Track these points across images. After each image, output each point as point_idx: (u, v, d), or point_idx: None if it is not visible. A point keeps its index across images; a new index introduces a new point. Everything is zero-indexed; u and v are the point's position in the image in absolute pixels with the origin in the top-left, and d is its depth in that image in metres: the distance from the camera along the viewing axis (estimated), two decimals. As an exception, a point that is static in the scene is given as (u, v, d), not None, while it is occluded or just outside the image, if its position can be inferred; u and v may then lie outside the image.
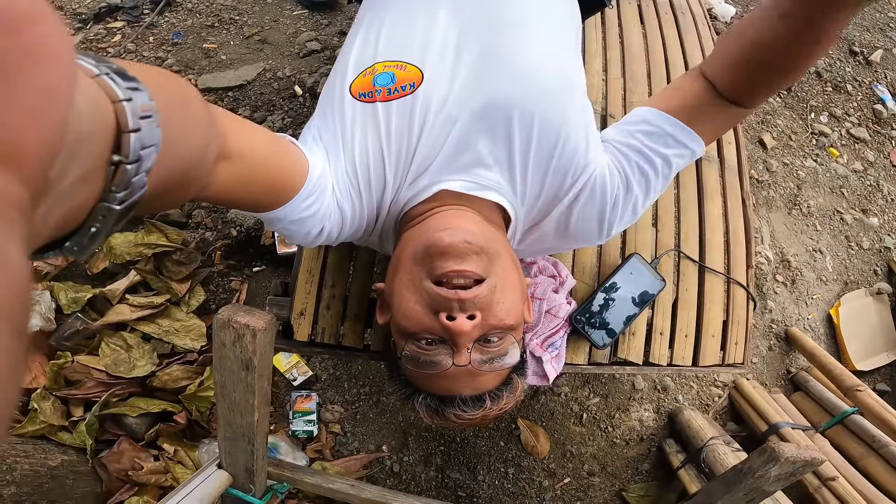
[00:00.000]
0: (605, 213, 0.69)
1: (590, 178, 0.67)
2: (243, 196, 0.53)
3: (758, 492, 0.88)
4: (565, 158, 0.65)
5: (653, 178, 0.68)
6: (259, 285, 1.53)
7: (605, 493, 1.44)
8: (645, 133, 0.67)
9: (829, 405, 1.46)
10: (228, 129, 0.46)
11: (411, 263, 0.60)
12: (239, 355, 0.75)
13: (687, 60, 1.13)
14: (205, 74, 1.80)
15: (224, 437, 0.87)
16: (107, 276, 1.49)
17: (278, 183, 0.57)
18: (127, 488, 1.30)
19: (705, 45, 1.15)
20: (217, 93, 1.76)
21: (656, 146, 0.67)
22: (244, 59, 1.84)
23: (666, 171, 0.68)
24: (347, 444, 1.43)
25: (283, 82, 1.79)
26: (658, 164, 0.67)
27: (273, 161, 0.55)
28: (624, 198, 0.69)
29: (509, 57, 0.65)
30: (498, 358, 0.62)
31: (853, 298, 1.70)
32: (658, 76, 1.10)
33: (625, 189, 0.68)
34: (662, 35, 1.15)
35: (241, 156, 0.48)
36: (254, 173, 0.51)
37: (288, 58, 1.84)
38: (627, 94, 1.07)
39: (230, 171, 0.47)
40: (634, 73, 1.10)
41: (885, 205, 1.82)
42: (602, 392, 1.51)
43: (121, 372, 1.34)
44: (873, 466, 1.30)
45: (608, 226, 0.71)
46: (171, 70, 1.80)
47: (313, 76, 1.79)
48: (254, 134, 0.52)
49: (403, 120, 0.64)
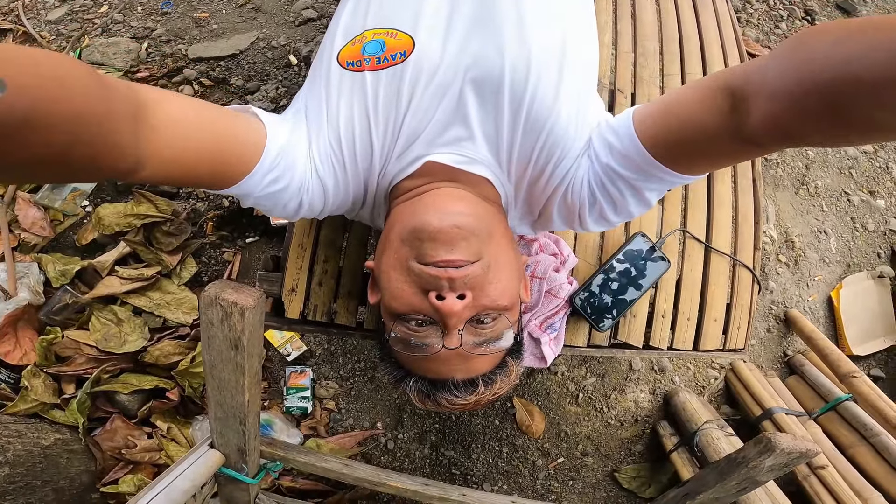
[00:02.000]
0: (574, 212, 0.65)
1: (568, 172, 0.62)
2: (187, 172, 0.51)
3: (750, 481, 0.87)
4: (551, 142, 0.61)
5: (619, 199, 0.61)
6: (253, 256, 1.50)
7: (597, 473, 1.45)
8: (612, 148, 0.59)
9: (823, 390, 1.45)
10: (153, 100, 0.45)
11: (399, 243, 0.58)
12: (227, 334, 0.72)
13: (702, 37, 1.07)
14: (195, 44, 1.73)
15: (215, 418, 0.85)
16: (95, 247, 1.46)
17: (225, 157, 0.54)
18: (121, 466, 1.29)
19: (722, 21, 1.09)
20: (208, 62, 1.70)
21: (618, 167, 0.58)
22: (237, 27, 1.77)
23: (636, 196, 0.61)
24: (342, 420, 1.43)
25: (277, 51, 1.73)
26: (622, 187, 0.60)
27: (216, 133, 0.52)
28: (590, 207, 0.64)
29: (503, 25, 0.61)
30: (491, 341, 0.60)
31: (855, 281, 1.68)
32: (671, 52, 1.05)
33: (592, 198, 0.63)
34: (677, 8, 1.09)
35: (172, 128, 0.47)
36: (191, 146, 0.50)
37: (283, 26, 1.78)
38: (638, 68, 1.02)
39: (163, 145, 0.46)
40: (646, 48, 1.04)
41: (892, 187, 1.79)
42: (599, 372, 1.50)
43: (112, 347, 1.32)
44: (863, 456, 1.28)
45: (581, 223, 0.67)
46: (160, 40, 1.73)
47: (309, 45, 1.72)
48: (187, 106, 0.50)
49: (392, 90, 0.61)
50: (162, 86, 1.69)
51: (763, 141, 0.45)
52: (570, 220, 0.68)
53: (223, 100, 1.66)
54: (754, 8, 1.96)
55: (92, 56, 1.68)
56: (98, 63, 1.66)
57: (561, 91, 0.61)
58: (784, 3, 1.98)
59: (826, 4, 2.02)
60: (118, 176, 0.43)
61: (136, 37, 1.74)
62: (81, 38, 1.73)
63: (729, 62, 1.05)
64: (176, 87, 1.68)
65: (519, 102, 0.60)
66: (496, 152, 0.63)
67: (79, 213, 1.49)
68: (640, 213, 0.64)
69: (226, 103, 1.62)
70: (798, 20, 1.96)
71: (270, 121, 0.60)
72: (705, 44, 1.06)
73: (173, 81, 1.68)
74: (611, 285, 0.87)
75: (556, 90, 0.60)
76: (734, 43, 1.08)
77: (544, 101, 0.60)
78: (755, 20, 1.94)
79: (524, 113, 0.60)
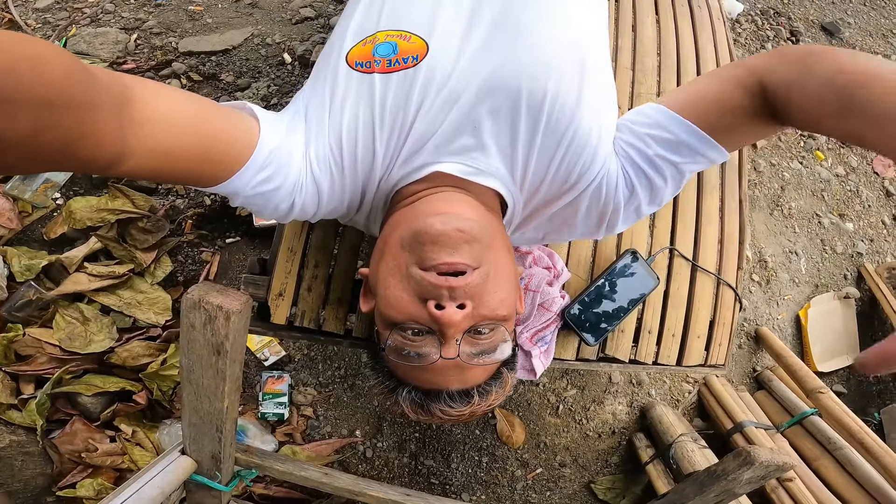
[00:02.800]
0: (606, 214, 0.66)
1: (596, 177, 0.63)
2: (173, 167, 0.49)
3: (728, 494, 0.89)
4: (572, 152, 0.61)
5: (661, 187, 0.64)
6: (232, 258, 1.45)
7: (574, 484, 1.46)
8: (658, 140, 0.62)
9: (789, 405, 1.49)
10: (141, 93, 0.44)
11: (399, 249, 0.57)
12: (210, 339, 0.69)
13: (699, 56, 1.09)
14: (187, 38, 1.68)
15: (189, 424, 0.82)
16: (65, 242, 1.39)
17: (213, 153, 0.52)
18: (80, 470, 1.23)
19: (719, 42, 1.12)
20: (199, 57, 1.66)
21: (669, 155, 0.61)
22: (231, 23, 1.73)
23: (677, 180, 0.64)
24: (319, 427, 1.39)
25: (271, 49, 1.69)
26: (668, 174, 0.63)
27: (203, 128, 0.51)
28: (626, 203, 0.65)
29: (524, 33, 0.60)
30: (488, 351, 0.59)
31: (822, 301, 1.74)
32: (668, 69, 1.07)
33: (629, 194, 0.64)
34: (676, 28, 1.12)
35: (158, 121, 0.46)
36: (178, 141, 0.48)
37: (279, 24, 1.74)
38: (636, 85, 1.04)
39: (149, 138, 0.45)
40: (645, 64, 1.06)
41: (861, 210, 1.87)
42: (579, 384, 1.51)
43: (76, 347, 1.25)
44: (826, 468, 1.32)
45: (608, 226, 0.68)
46: (151, 32, 1.68)
47: (304, 44, 1.70)
48: (175, 99, 0.49)
49: (401, 94, 0.59)
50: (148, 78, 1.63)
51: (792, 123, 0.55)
52: (597, 224, 0.68)
53: (212, 96, 1.62)
54: (743, 27, 2.02)
55: (77, 46, 1.61)
56: (83, 53, 1.60)
57: (582, 99, 0.60)
58: (771, 24, 2.06)
59: (811, 26, 2.10)
60: (97, 168, 0.42)
61: (126, 28, 1.69)
62: (68, 28, 1.66)
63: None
64: (163, 81, 1.62)
65: (538, 114, 0.59)
66: (510, 163, 0.62)
67: (49, 206, 1.42)
68: (674, 193, 0.67)
69: (214, 99, 1.57)
70: (783, 40, 2.04)
71: (266, 118, 0.58)
72: (701, 63, 1.09)
73: (161, 74, 1.62)
74: (602, 301, 0.87)
75: (578, 99, 0.60)
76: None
77: (564, 111, 0.59)
78: (743, 39, 2.00)
79: (543, 124, 0.59)
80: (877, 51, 2.13)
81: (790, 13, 2.09)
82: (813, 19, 2.11)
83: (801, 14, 2.11)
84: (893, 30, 2.20)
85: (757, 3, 2.08)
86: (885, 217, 1.88)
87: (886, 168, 1.94)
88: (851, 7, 2.20)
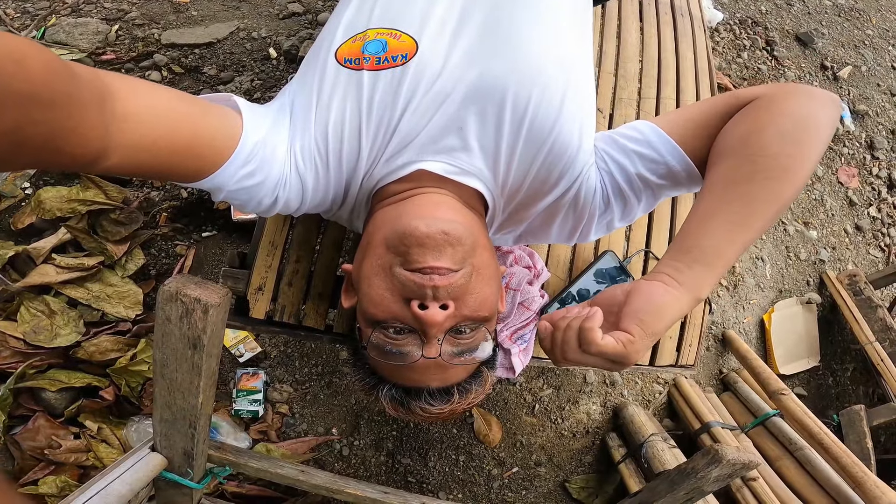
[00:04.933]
0: (580, 223, 0.68)
1: (573, 184, 0.64)
2: (156, 163, 0.50)
3: (697, 491, 0.91)
4: (553, 155, 0.62)
5: (634, 205, 0.66)
6: (208, 252, 1.42)
7: (549, 483, 1.48)
8: (644, 158, 0.63)
9: (753, 406, 1.54)
10: (122, 89, 0.44)
11: (384, 249, 0.57)
12: (186, 332, 0.67)
13: (679, 64, 1.13)
14: (170, 29, 1.65)
15: (161, 420, 0.80)
16: (33, 232, 1.34)
17: (197, 148, 0.52)
18: (42, 467, 1.19)
19: (699, 50, 1.16)
20: (181, 49, 1.62)
21: (650, 176, 0.63)
22: (217, 16, 1.71)
23: (650, 201, 0.66)
24: (295, 425, 1.38)
25: (257, 43, 1.67)
26: (643, 195, 0.65)
27: (186, 123, 0.51)
28: (600, 216, 0.67)
29: (511, 37, 0.62)
30: (469, 351, 0.60)
31: (785, 306, 1.82)
32: (650, 76, 1.10)
33: (604, 207, 0.66)
34: (659, 35, 1.16)
35: (141, 116, 0.46)
36: (161, 136, 0.48)
37: (266, 18, 1.73)
38: (618, 90, 1.07)
39: (132, 134, 0.45)
40: (627, 70, 1.09)
41: (825, 219, 1.95)
42: (555, 384, 1.54)
43: (40, 340, 1.21)
44: (787, 468, 1.36)
45: (581, 234, 0.70)
46: (133, 23, 1.64)
47: (291, 39, 1.68)
48: (156, 95, 0.49)
49: (389, 92, 0.60)
50: (128, 70, 1.59)
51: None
52: (571, 232, 0.69)
53: (193, 88, 1.58)
54: (721, 36, 2.08)
55: (56, 36, 1.56)
56: (62, 43, 1.55)
57: (565, 106, 0.61)
58: (748, 34, 2.12)
59: (786, 36, 2.17)
60: (81, 164, 0.43)
61: (108, 18, 1.64)
62: (48, 17, 1.60)
63: (701, 93, 1.12)
64: (143, 73, 1.58)
65: (521, 117, 0.60)
66: (493, 165, 0.63)
67: (18, 195, 1.37)
68: (646, 211, 0.68)
69: (195, 92, 1.54)
70: (759, 50, 2.11)
71: (249, 112, 0.58)
72: (681, 72, 1.12)
73: (141, 66, 1.58)
74: (580, 300, 0.89)
75: (560, 105, 0.61)
76: (707, 73, 1.15)
77: (547, 117, 0.60)
78: (720, 48, 2.06)
79: (526, 128, 0.60)
80: (847, 62, 2.22)
81: (767, 23, 2.16)
82: (788, 29, 2.19)
83: (778, 24, 2.18)
84: (865, 41, 2.29)
85: (736, 13, 2.15)
86: (848, 226, 1.97)
87: (851, 178, 2.03)
88: (826, 18, 2.28)
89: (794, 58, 2.14)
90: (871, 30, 2.33)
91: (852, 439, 1.53)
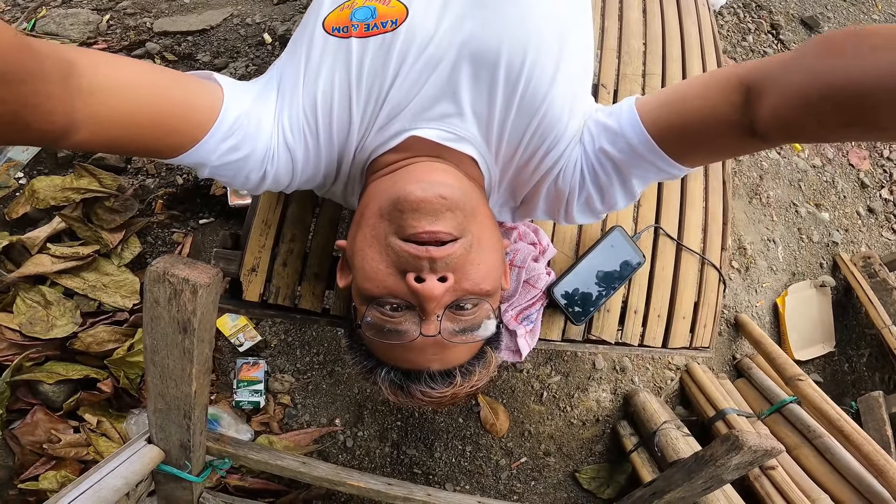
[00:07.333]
0: (562, 199, 0.64)
1: (562, 156, 0.61)
2: (130, 137, 0.48)
3: (716, 480, 0.88)
4: (545, 125, 0.59)
5: (606, 184, 0.61)
6: (206, 239, 1.40)
7: (559, 473, 1.44)
8: (607, 130, 0.59)
9: (769, 393, 1.50)
10: (86, 62, 0.43)
11: (377, 218, 0.54)
12: (175, 315, 0.64)
13: (684, 40, 1.10)
14: (163, 18, 1.63)
15: (155, 410, 0.77)
16: (27, 222, 1.33)
17: (172, 121, 0.50)
18: (42, 462, 1.17)
19: (703, 26, 1.13)
20: (174, 37, 1.60)
21: (608, 147, 0.59)
22: (210, 3, 1.69)
23: (625, 183, 0.61)
24: (297, 416, 1.35)
25: (251, 29, 1.64)
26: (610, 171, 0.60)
27: (159, 95, 0.49)
28: (579, 191, 0.63)
29: (506, 3, 0.58)
30: (471, 329, 0.57)
31: (798, 289, 1.77)
32: (654, 52, 1.07)
33: (581, 182, 0.62)
34: (662, 12, 1.12)
35: (107, 90, 0.45)
36: (131, 109, 0.47)
37: (260, 4, 1.70)
38: (622, 66, 1.04)
39: (98, 107, 0.44)
40: (631, 46, 1.06)
41: (837, 201, 1.90)
42: (564, 370, 1.50)
43: (37, 332, 1.19)
44: (806, 457, 1.32)
45: (564, 213, 0.66)
46: (124, 13, 1.61)
47: (286, 24, 1.65)
48: (123, 67, 0.48)
49: (379, 58, 0.57)
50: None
51: (770, 136, 0.47)
52: (555, 209, 0.66)
53: (185, 75, 1.56)
54: (725, 20, 2.04)
55: (47, 27, 1.55)
56: (53, 34, 1.54)
57: (558, 75, 0.59)
58: (752, 17, 2.08)
59: (791, 19, 2.13)
60: (50, 139, 0.42)
61: (99, 8, 1.62)
62: (38, 9, 1.58)
63: (707, 67, 1.08)
64: (136, 61, 1.56)
65: (515, 82, 0.57)
66: (486, 132, 0.60)
67: (11, 185, 1.35)
68: (624, 204, 0.64)
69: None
70: (764, 33, 2.06)
71: (230, 85, 0.56)
72: (686, 47, 1.09)
73: (134, 55, 1.56)
74: (588, 278, 0.85)
75: (554, 74, 0.58)
76: (713, 50, 1.11)
77: (541, 84, 0.58)
78: (724, 31, 2.02)
79: (519, 93, 0.58)
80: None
81: (771, 7, 2.12)
82: (793, 13, 2.14)
83: (783, 8, 2.14)
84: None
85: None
86: (860, 208, 1.92)
87: (862, 160, 1.98)
88: (832, 2, 2.23)
89: (800, 41, 2.09)
90: (878, 15, 2.28)
91: (871, 427, 1.49)
